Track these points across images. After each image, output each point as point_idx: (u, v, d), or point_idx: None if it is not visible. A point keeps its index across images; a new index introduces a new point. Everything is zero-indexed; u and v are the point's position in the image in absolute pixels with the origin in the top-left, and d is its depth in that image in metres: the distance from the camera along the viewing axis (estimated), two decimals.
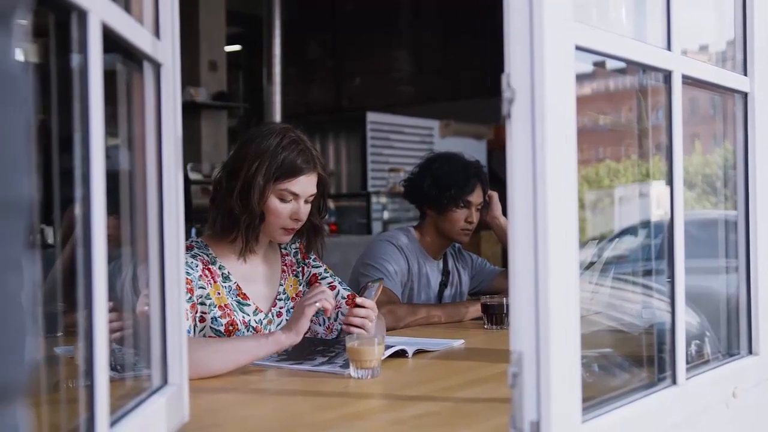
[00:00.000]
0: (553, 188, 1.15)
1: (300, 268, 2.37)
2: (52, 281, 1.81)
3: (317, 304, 1.96)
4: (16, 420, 0.55)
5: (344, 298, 2.32)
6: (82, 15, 0.98)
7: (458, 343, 2.32)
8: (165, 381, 1.36)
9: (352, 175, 8.50)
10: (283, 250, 2.37)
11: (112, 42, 1.10)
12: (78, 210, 1.01)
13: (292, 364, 1.97)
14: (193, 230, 5.71)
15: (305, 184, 2.17)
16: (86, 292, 1.00)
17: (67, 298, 1.24)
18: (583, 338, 1.23)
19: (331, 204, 7.71)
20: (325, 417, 1.54)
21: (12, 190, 0.53)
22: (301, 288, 2.35)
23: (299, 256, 2.39)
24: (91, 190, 1.00)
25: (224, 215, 2.17)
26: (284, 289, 2.31)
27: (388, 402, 1.69)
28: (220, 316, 2.12)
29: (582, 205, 1.27)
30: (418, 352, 2.15)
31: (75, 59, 1.01)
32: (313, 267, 2.39)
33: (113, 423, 1.09)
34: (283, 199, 2.15)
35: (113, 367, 1.22)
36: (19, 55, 0.57)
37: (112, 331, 1.35)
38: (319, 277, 2.37)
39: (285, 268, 2.34)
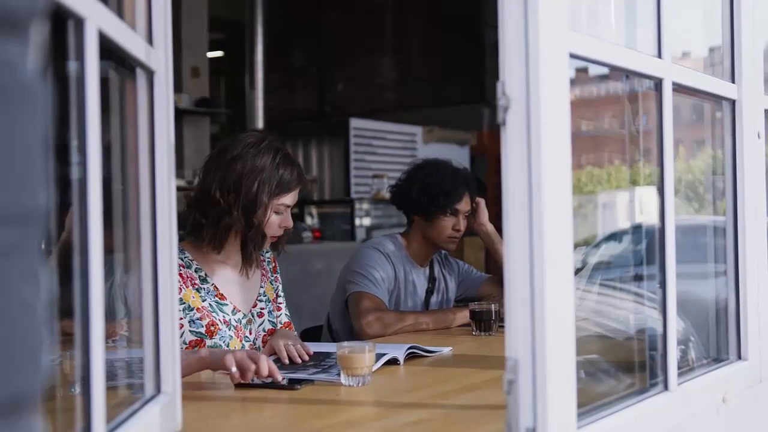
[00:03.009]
0: (549, 195, 1.15)
1: (273, 277, 2.47)
2: None
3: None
4: (33, 430, 0.54)
5: (281, 324, 2.40)
6: (79, 22, 0.98)
7: (447, 350, 2.33)
8: (158, 390, 1.35)
9: (335, 182, 8.49)
10: (260, 255, 2.43)
11: (106, 49, 1.09)
12: (73, 217, 1.00)
13: (287, 373, 1.95)
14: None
15: (296, 195, 2.30)
16: (83, 301, 0.99)
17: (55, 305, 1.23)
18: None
19: (314, 210, 7.70)
20: (319, 425, 1.54)
21: (30, 200, 0.53)
22: (274, 294, 2.44)
23: (271, 267, 2.47)
24: (88, 196, 0.99)
25: (224, 231, 2.22)
26: (264, 291, 2.39)
27: (381, 409, 1.69)
28: (199, 318, 2.18)
29: None
30: (411, 355, 2.15)
31: (71, 66, 1.01)
32: (279, 282, 2.49)
33: None
34: (277, 212, 2.26)
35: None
36: (35, 65, 0.56)
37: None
38: (279, 293, 2.48)
39: (264, 272, 2.43)
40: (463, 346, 2.43)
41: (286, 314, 2.47)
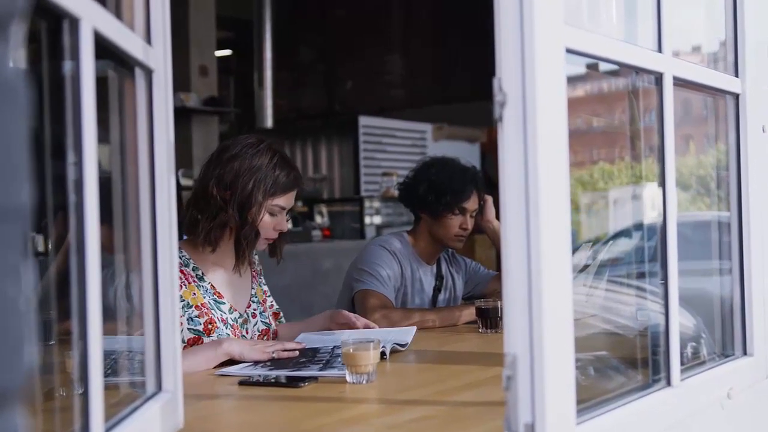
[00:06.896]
0: (545, 191, 1.15)
1: (261, 279, 2.51)
2: (45, 289, 1.81)
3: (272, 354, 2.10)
4: (16, 425, 0.55)
5: (258, 332, 2.40)
6: (74, 22, 0.98)
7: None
8: (159, 388, 1.36)
9: (344, 180, 8.49)
10: (252, 255, 2.47)
11: (103, 48, 1.10)
12: (71, 217, 1.01)
13: (291, 371, 1.95)
14: (184, 236, 5.69)
15: (292, 199, 2.34)
16: (80, 300, 1.00)
17: (60, 306, 1.24)
18: (577, 341, 1.23)
19: (324, 209, 7.70)
20: (322, 422, 1.54)
21: (11, 196, 0.54)
22: (263, 296, 2.48)
23: (259, 269, 2.52)
24: (84, 196, 1.00)
25: (219, 227, 2.25)
26: (255, 293, 2.43)
27: (385, 406, 1.69)
28: (198, 316, 2.21)
29: (576, 208, 1.27)
30: (393, 350, 2.18)
31: (67, 66, 1.01)
32: (264, 284, 2.52)
33: (108, 430, 1.09)
34: (272, 213, 2.29)
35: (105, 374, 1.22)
36: (16, 63, 0.57)
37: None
38: (267, 293, 2.51)
39: (254, 274, 2.47)
40: (468, 343, 2.43)
41: (263, 322, 2.44)
